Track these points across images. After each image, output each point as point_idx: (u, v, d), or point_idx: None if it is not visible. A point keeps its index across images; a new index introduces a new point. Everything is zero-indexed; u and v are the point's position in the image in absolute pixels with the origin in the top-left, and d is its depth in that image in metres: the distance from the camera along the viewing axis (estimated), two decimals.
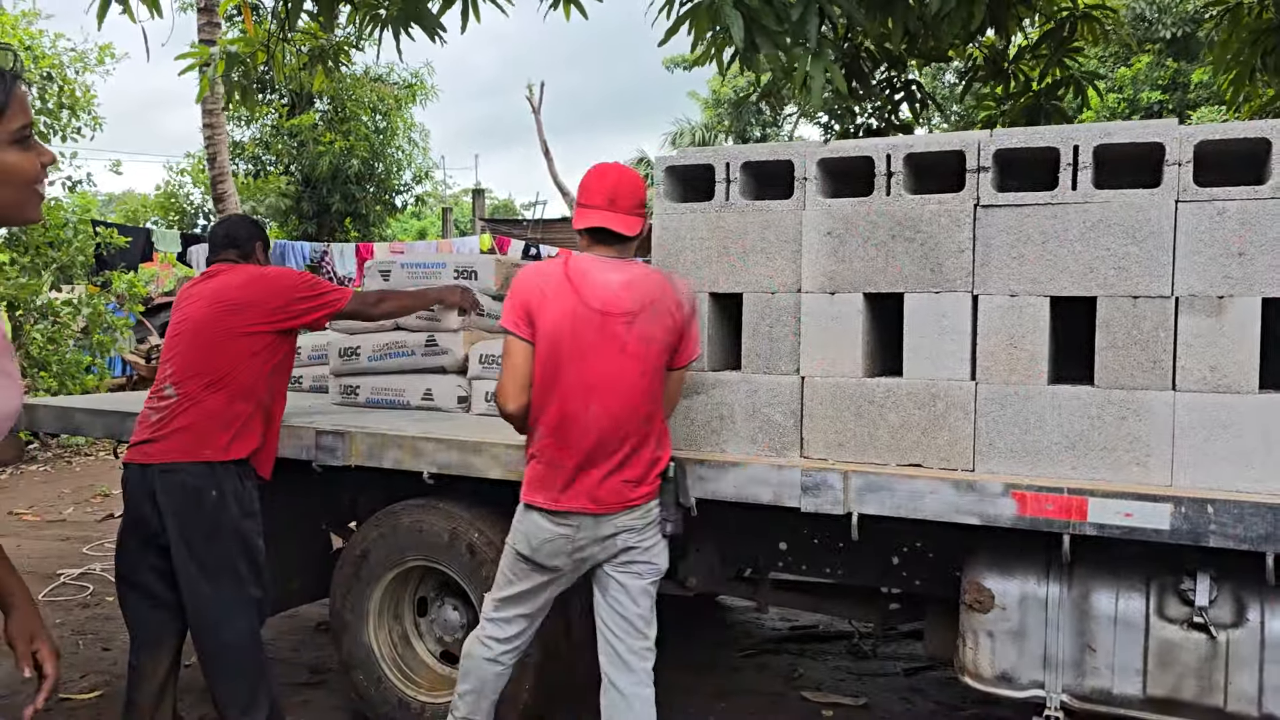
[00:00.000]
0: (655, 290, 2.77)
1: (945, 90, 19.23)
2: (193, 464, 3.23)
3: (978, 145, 2.78)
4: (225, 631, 3.25)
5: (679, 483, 2.92)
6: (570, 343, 2.73)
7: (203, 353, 3.31)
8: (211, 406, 3.27)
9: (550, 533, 2.82)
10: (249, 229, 3.68)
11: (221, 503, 3.23)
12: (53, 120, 10.96)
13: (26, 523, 7.50)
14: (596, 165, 2.93)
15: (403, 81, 21.83)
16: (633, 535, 2.84)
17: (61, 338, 10.70)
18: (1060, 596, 2.81)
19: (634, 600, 2.88)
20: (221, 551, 3.23)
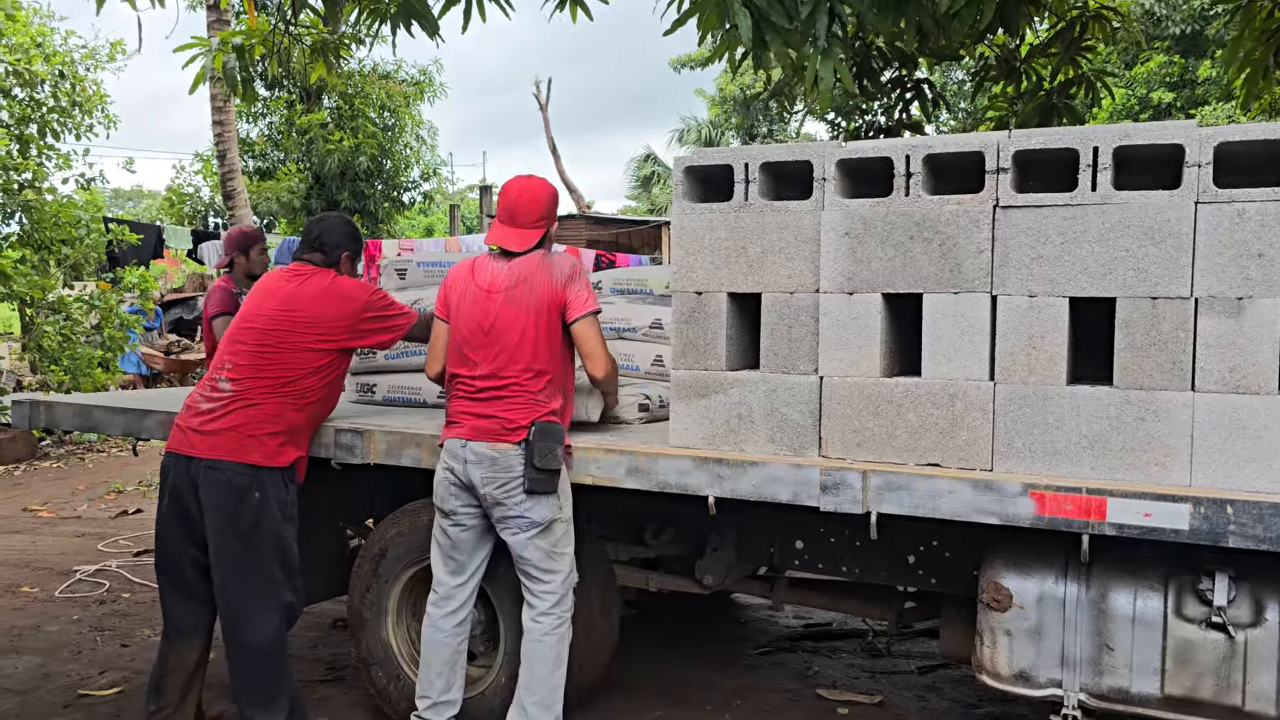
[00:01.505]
0: (529, 269, 3.26)
1: (954, 87, 19.20)
2: (240, 465, 3.27)
3: (997, 146, 2.80)
4: (252, 631, 3.30)
5: (535, 445, 3.14)
6: (466, 313, 3.29)
7: (267, 358, 3.36)
8: (267, 411, 3.32)
9: (440, 474, 3.28)
10: (339, 238, 3.59)
11: (264, 505, 3.28)
12: (65, 118, 11.00)
13: (41, 519, 7.54)
14: (512, 178, 3.43)
15: (411, 79, 21.86)
16: (497, 487, 3.17)
17: (74, 334, 10.76)
18: (1078, 596, 2.82)
19: (520, 554, 3.23)
20: (258, 553, 3.29)
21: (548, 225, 3.37)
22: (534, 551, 3.20)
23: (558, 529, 3.23)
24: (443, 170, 24.46)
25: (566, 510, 3.26)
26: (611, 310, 4.29)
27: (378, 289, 3.70)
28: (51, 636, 4.81)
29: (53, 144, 11.02)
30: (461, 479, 3.22)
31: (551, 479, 3.16)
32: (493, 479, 3.17)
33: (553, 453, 3.15)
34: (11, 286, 9.84)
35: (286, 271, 3.59)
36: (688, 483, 3.07)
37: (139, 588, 5.61)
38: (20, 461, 9.91)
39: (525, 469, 3.14)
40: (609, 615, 3.68)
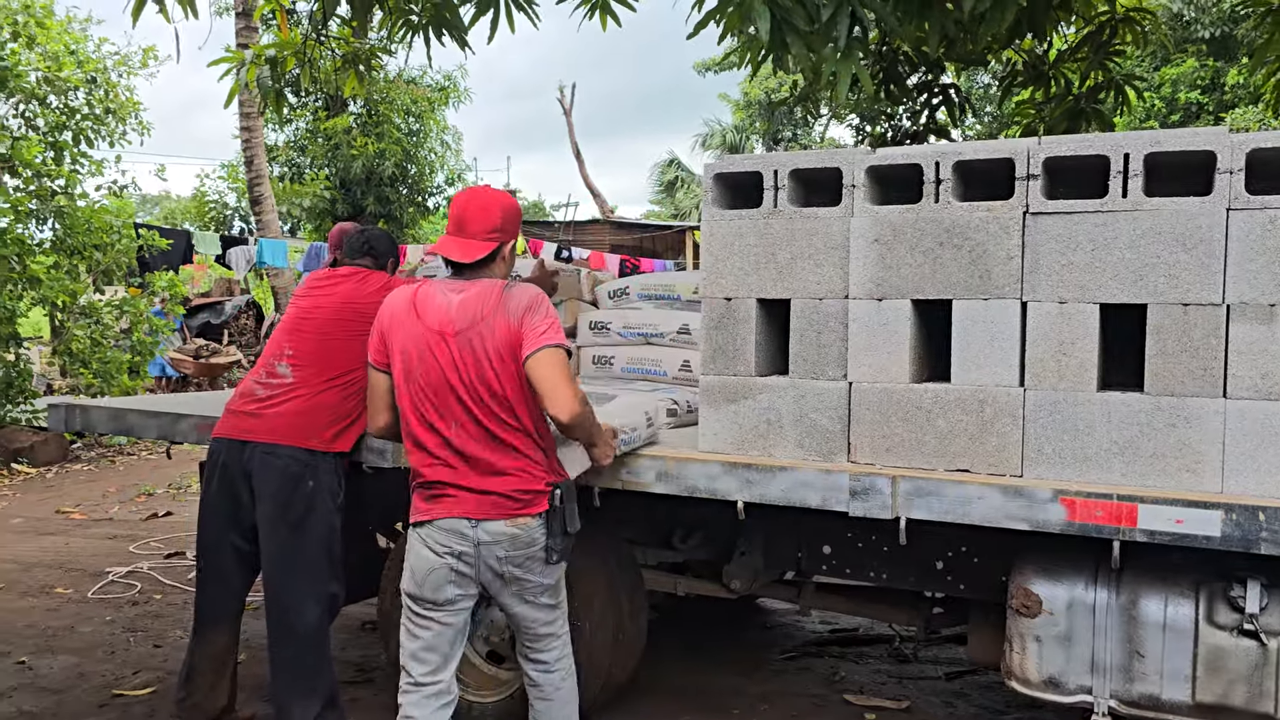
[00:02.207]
0: (485, 304, 2.77)
1: (980, 91, 19.12)
2: (297, 449, 3.33)
3: (1027, 153, 2.80)
4: (296, 621, 3.37)
5: (565, 509, 2.81)
6: (417, 364, 2.80)
7: (328, 348, 3.44)
8: (326, 399, 3.39)
9: (431, 560, 2.80)
10: (389, 244, 3.79)
11: (316, 493, 3.35)
12: (98, 124, 11.15)
13: (74, 521, 7.65)
14: (465, 189, 3.02)
15: (435, 84, 21.99)
16: (518, 564, 2.79)
17: (103, 338, 10.91)
18: (1108, 602, 2.82)
19: (525, 617, 2.91)
20: (307, 542, 3.35)
21: (502, 239, 2.87)
22: (541, 611, 2.91)
23: (560, 580, 2.97)
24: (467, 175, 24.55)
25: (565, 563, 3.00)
26: (639, 315, 4.32)
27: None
28: (86, 637, 4.88)
29: (86, 150, 11.18)
30: (470, 563, 2.78)
31: (570, 541, 2.88)
32: (513, 557, 2.78)
33: (574, 513, 2.86)
34: (43, 291, 9.98)
35: (343, 271, 3.67)
36: (717, 488, 3.09)
37: (170, 589, 5.68)
38: (52, 464, 10.04)
39: (550, 538, 2.80)
40: (637, 620, 3.70)
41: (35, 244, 10.19)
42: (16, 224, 9.79)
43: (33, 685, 4.26)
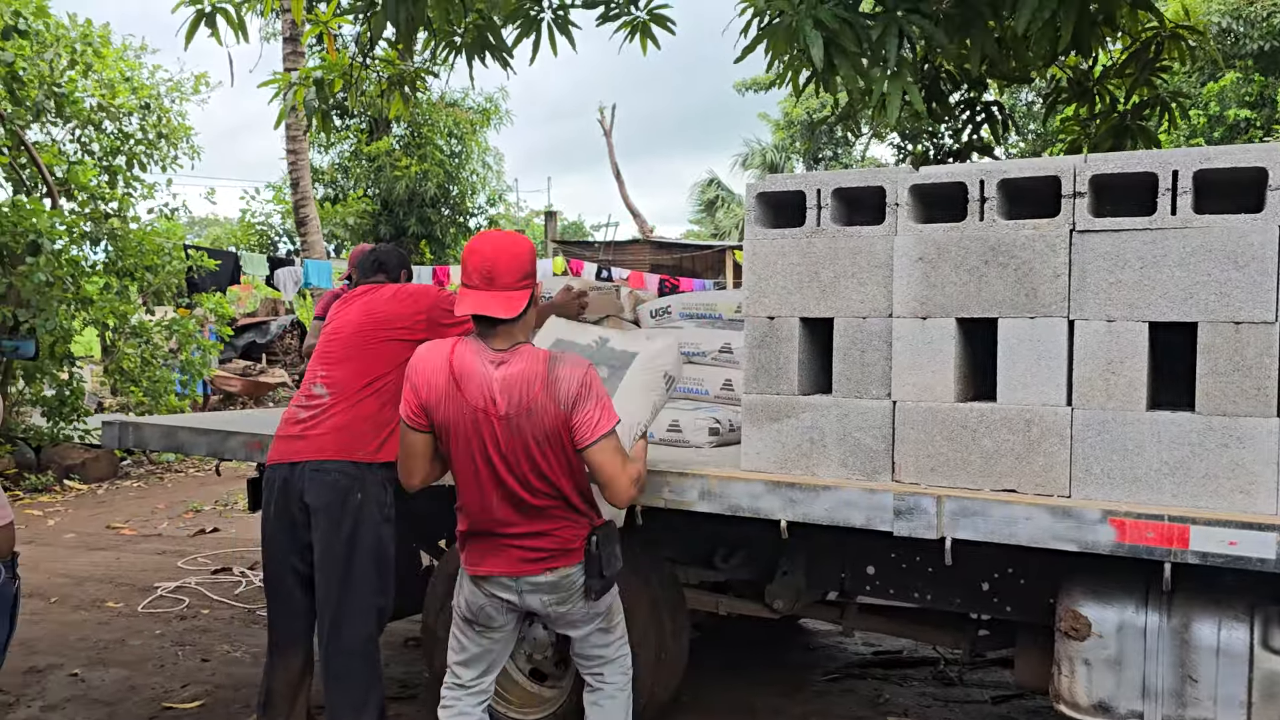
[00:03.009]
0: (527, 382, 2.66)
1: (1023, 109, 18.98)
2: (344, 463, 3.37)
3: (1073, 170, 2.78)
4: (348, 634, 3.40)
5: (602, 554, 2.82)
6: (464, 441, 2.73)
7: (358, 358, 3.48)
8: (365, 410, 3.42)
9: (480, 600, 2.88)
10: (398, 258, 3.94)
11: (365, 506, 3.37)
12: (150, 149, 11.41)
13: (124, 536, 7.79)
14: (476, 236, 2.86)
15: (477, 106, 22.26)
16: (560, 604, 2.84)
17: (153, 357, 11.12)
18: (1159, 625, 2.77)
19: (581, 642, 2.99)
20: (357, 554, 3.38)
21: (533, 285, 2.78)
22: (596, 635, 2.98)
23: (615, 604, 3.03)
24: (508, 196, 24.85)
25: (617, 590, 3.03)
26: (681, 334, 4.33)
27: (442, 289, 3.83)
28: (136, 650, 4.96)
29: (138, 174, 11.44)
30: (514, 604, 2.86)
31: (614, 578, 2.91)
32: (556, 600, 2.84)
33: (616, 554, 2.88)
34: (95, 311, 10.21)
35: (356, 293, 3.73)
36: (760, 506, 3.08)
37: (217, 604, 5.76)
38: (103, 480, 10.24)
39: (588, 579, 2.82)
40: (680, 638, 3.70)
41: (89, 265, 10.44)
42: (71, 246, 10.03)
43: (85, 697, 4.34)
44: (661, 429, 3.86)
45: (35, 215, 9.44)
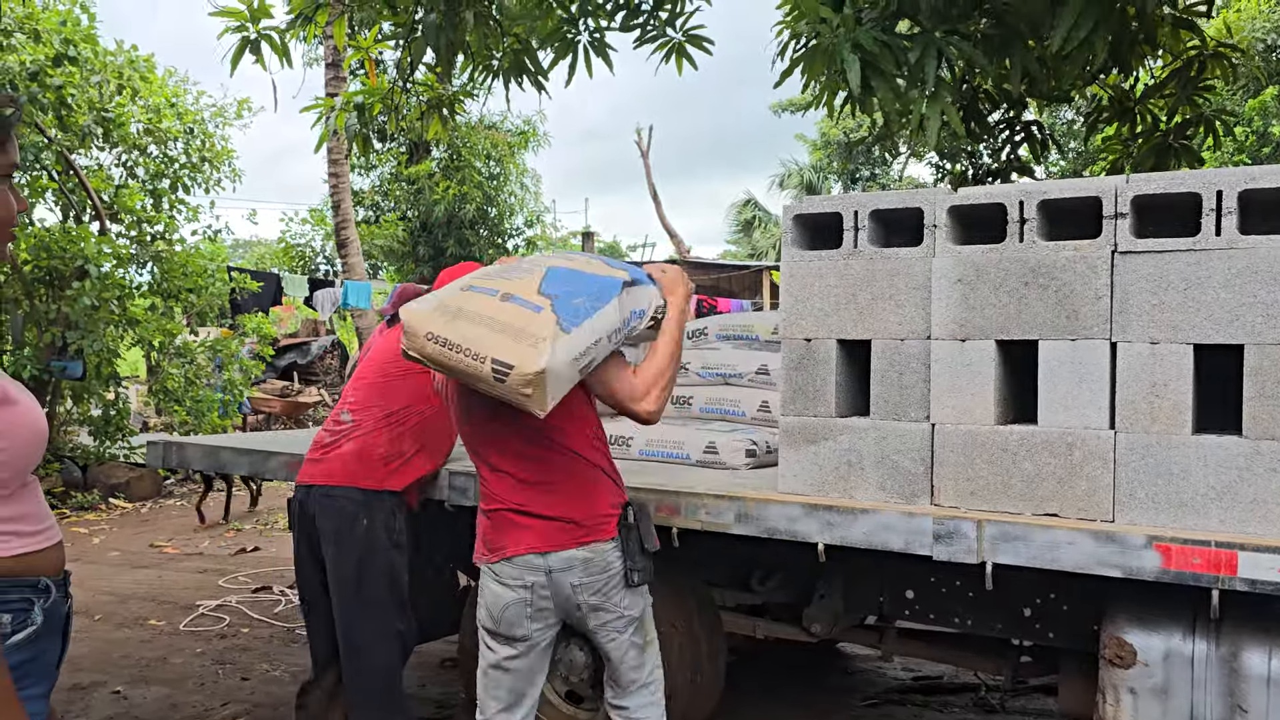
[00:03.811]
0: None
1: (1063, 128, 18.82)
2: (350, 489, 3.41)
3: (1115, 191, 2.75)
4: (363, 659, 3.41)
5: (640, 528, 2.75)
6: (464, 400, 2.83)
7: (380, 388, 3.54)
8: (379, 438, 3.47)
9: (507, 596, 2.74)
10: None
11: (372, 531, 3.40)
12: (194, 173, 11.64)
13: (166, 555, 7.89)
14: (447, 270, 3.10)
15: (515, 129, 22.46)
16: (594, 592, 2.71)
17: (196, 377, 11.31)
18: (1207, 653, 2.71)
19: (614, 656, 2.83)
20: (369, 580, 3.40)
21: None
22: (630, 650, 2.81)
23: (647, 613, 2.87)
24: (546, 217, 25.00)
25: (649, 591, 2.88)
26: (718, 356, 4.33)
27: None
28: (177, 668, 5.02)
29: (183, 198, 11.67)
30: (544, 595, 2.72)
31: (650, 562, 2.78)
32: (589, 584, 2.70)
33: (651, 532, 2.77)
34: (140, 332, 10.41)
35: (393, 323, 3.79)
36: (797, 529, 3.06)
37: (257, 623, 5.81)
38: (147, 499, 10.39)
39: (627, 560, 2.72)
40: (715, 661, 3.67)
41: (135, 287, 10.65)
42: (118, 268, 10.24)
43: (128, 715, 4.39)
44: (699, 450, 3.85)
45: (83, 240, 9.65)
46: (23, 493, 1.59)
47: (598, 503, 2.73)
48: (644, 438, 4.02)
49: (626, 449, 4.04)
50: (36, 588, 1.59)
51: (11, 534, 1.55)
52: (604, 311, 2.51)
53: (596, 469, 2.76)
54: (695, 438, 3.89)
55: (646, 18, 5.61)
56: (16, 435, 1.53)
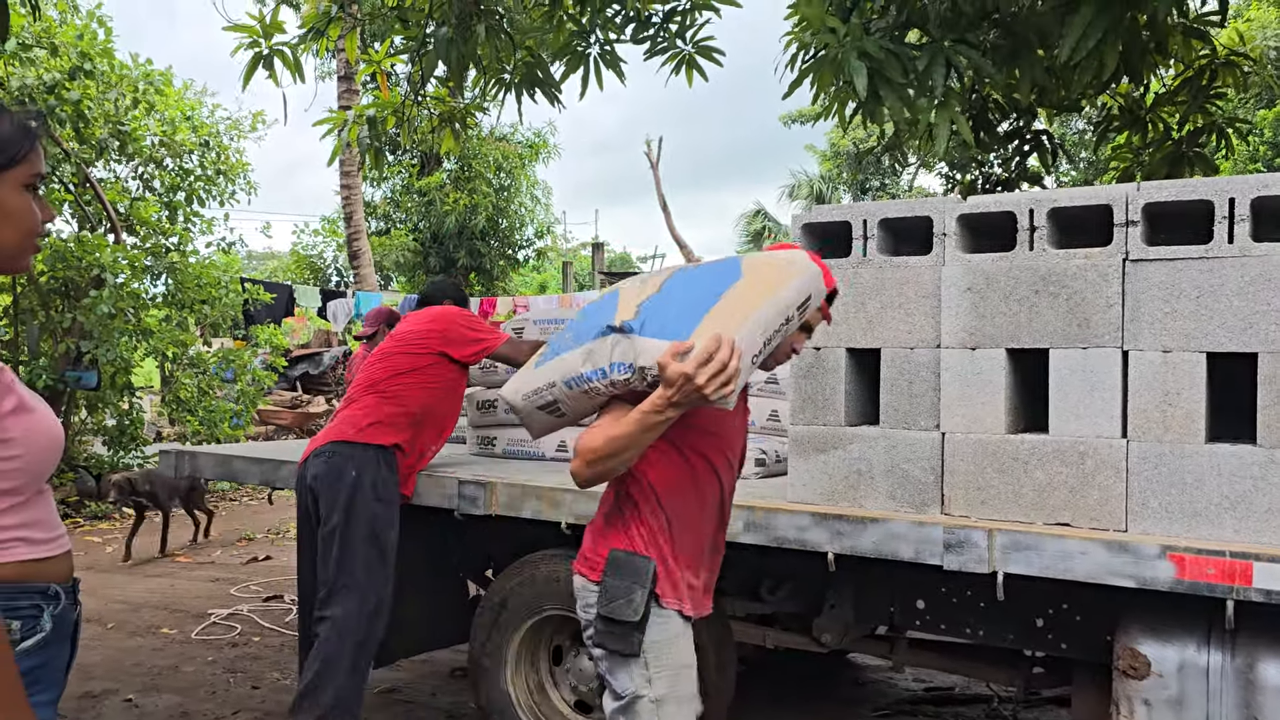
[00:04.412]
0: None
1: (1074, 137, 18.79)
2: (336, 443, 3.71)
3: (1125, 199, 2.74)
4: (326, 606, 3.58)
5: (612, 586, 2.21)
6: None
7: (372, 369, 3.90)
8: (365, 403, 3.81)
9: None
10: (439, 293, 4.28)
11: (358, 482, 3.61)
12: (209, 185, 11.71)
13: (179, 564, 7.91)
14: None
15: (526, 141, 22.55)
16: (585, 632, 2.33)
17: (209, 387, 11.36)
18: (1222, 664, 2.68)
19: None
20: (349, 529, 3.59)
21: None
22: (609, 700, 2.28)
23: (641, 713, 2.22)
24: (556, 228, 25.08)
25: (660, 688, 2.22)
26: None
27: (467, 310, 4.13)
28: (189, 676, 5.02)
29: (198, 210, 11.75)
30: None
31: (626, 635, 2.18)
32: (583, 620, 2.32)
33: (629, 599, 2.18)
34: (154, 342, 10.47)
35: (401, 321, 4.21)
36: (806, 539, 3.06)
37: (268, 632, 5.82)
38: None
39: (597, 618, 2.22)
40: (725, 672, 3.66)
41: (149, 298, 10.71)
42: (133, 280, 10.30)
43: None
44: None
45: (99, 250, 9.72)
46: (37, 500, 1.60)
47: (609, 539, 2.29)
48: None
49: None
50: (46, 594, 1.59)
51: (23, 540, 1.56)
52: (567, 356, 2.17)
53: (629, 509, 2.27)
54: None
55: (657, 30, 5.63)
56: (33, 442, 1.54)
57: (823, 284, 2.25)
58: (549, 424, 2.31)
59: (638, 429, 2.02)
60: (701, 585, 2.40)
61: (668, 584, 2.25)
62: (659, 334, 2.04)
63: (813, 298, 2.22)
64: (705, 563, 2.42)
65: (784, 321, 2.13)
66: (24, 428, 1.52)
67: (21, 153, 1.56)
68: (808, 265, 2.22)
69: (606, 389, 2.12)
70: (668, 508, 2.25)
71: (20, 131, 1.57)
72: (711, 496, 2.35)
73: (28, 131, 1.57)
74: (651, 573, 2.21)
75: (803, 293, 2.17)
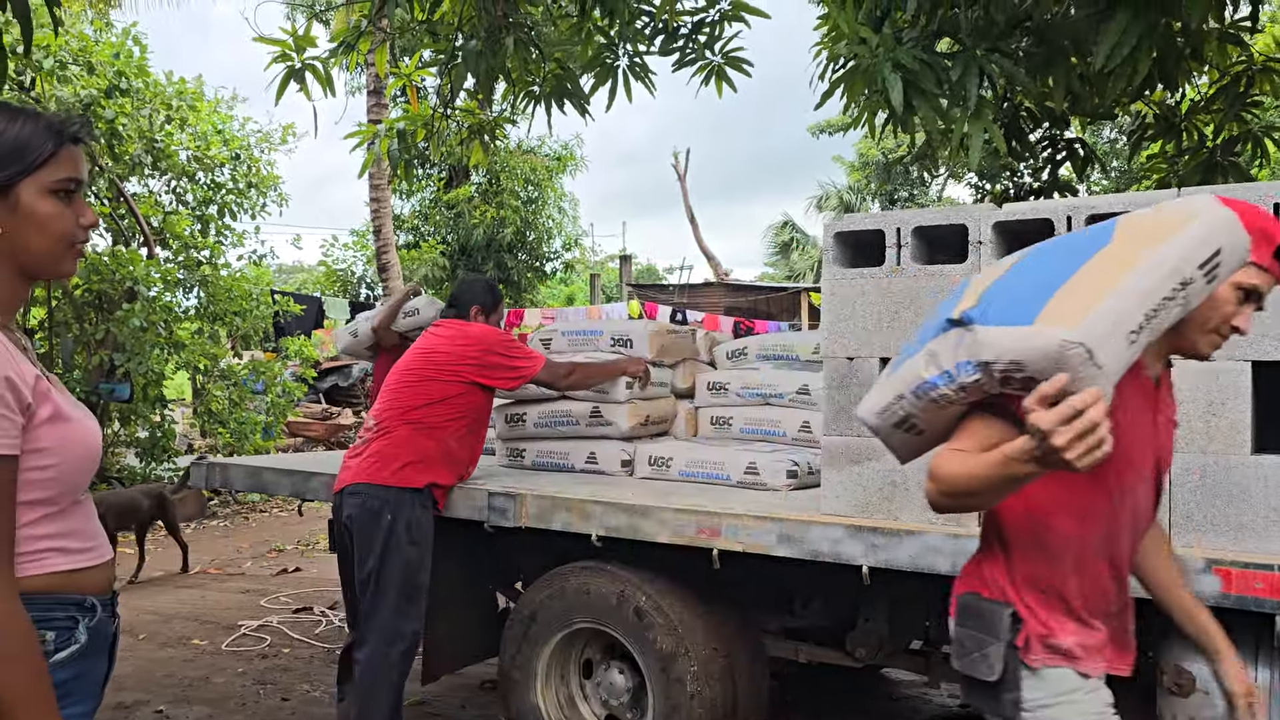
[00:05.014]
0: None
1: (1105, 147, 18.62)
2: (372, 485, 3.64)
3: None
4: (364, 647, 3.60)
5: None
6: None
7: (402, 391, 3.79)
8: (399, 437, 3.70)
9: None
10: (470, 295, 4.09)
11: (393, 527, 3.59)
12: (240, 198, 11.83)
13: (210, 575, 7.95)
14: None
15: (553, 153, 22.63)
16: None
17: (240, 399, 11.45)
18: (1271, 682, 2.62)
19: None
20: (384, 572, 3.59)
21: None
22: None
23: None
24: (584, 240, 25.13)
25: None
26: (758, 376, 4.29)
27: (506, 334, 4.03)
28: (219, 688, 5.03)
29: (229, 223, 11.87)
30: None
31: (992, 697, 1.86)
32: None
33: (984, 654, 1.86)
34: (186, 355, 10.57)
35: (430, 328, 4.08)
36: (840, 551, 3.01)
37: (298, 643, 5.82)
38: (191, 520, 10.48)
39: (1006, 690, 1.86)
40: (758, 686, 3.62)
41: (181, 311, 10.82)
42: (165, 293, 10.41)
43: None
44: (739, 471, 3.81)
45: (132, 263, 9.84)
46: (73, 510, 1.59)
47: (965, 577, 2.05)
48: (684, 459, 4.00)
49: (666, 470, 4.02)
50: (83, 606, 1.58)
51: (59, 550, 1.55)
52: (911, 361, 1.85)
53: (992, 539, 1.99)
54: (736, 458, 3.86)
55: (686, 41, 5.63)
56: (68, 452, 1.54)
57: (1243, 233, 1.70)
58: (910, 444, 1.96)
59: (999, 475, 1.58)
60: (1107, 633, 1.91)
61: (1039, 637, 1.83)
62: (1003, 319, 1.64)
63: (1225, 251, 1.67)
64: (1113, 601, 1.93)
65: (1178, 285, 1.62)
66: (59, 437, 1.52)
67: (42, 157, 1.53)
68: (1212, 210, 1.70)
69: (957, 396, 1.74)
70: (1050, 540, 1.84)
71: (45, 134, 1.55)
72: (1119, 520, 1.87)
73: (56, 134, 1.55)
74: (1008, 623, 1.83)
75: (1206, 245, 1.65)
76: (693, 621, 3.45)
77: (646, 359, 4.32)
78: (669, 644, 3.39)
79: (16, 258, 1.55)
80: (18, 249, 1.54)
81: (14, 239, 1.53)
